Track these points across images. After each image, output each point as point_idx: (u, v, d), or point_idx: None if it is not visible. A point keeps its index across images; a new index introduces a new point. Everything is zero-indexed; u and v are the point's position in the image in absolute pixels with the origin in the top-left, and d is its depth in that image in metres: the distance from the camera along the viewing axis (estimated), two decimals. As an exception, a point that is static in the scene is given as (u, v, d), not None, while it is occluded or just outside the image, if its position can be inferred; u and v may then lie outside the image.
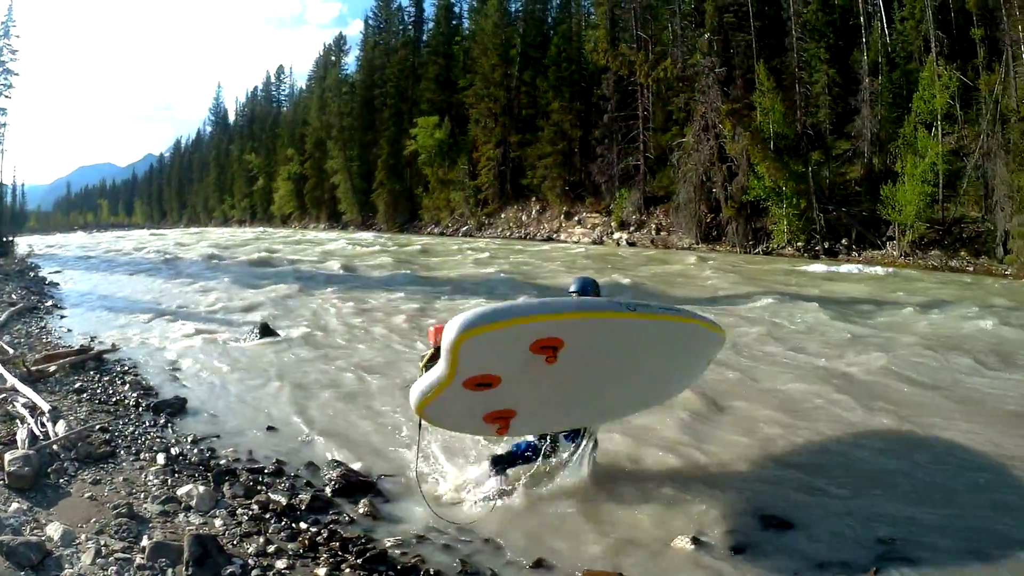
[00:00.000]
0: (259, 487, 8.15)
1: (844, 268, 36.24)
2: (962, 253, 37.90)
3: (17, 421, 9.89)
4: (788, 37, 52.29)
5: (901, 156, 40.32)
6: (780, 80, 50.18)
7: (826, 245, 43.42)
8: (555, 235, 63.29)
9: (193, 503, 7.46)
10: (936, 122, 41.00)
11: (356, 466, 8.90)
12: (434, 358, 6.93)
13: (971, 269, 36.08)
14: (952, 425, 10.61)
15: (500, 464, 8.44)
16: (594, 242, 57.84)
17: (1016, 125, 35.73)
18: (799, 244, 44.47)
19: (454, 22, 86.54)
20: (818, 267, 36.46)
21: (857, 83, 48.15)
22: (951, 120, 42.88)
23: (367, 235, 73.02)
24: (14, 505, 7.14)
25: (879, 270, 35.15)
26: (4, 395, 11.31)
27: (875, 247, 41.83)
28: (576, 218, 63.13)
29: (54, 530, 6.50)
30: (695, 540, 7.17)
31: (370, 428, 10.53)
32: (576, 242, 58.92)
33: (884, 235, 41.83)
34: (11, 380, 12.03)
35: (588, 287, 8.61)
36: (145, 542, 6.44)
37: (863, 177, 45.97)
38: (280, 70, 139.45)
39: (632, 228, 56.82)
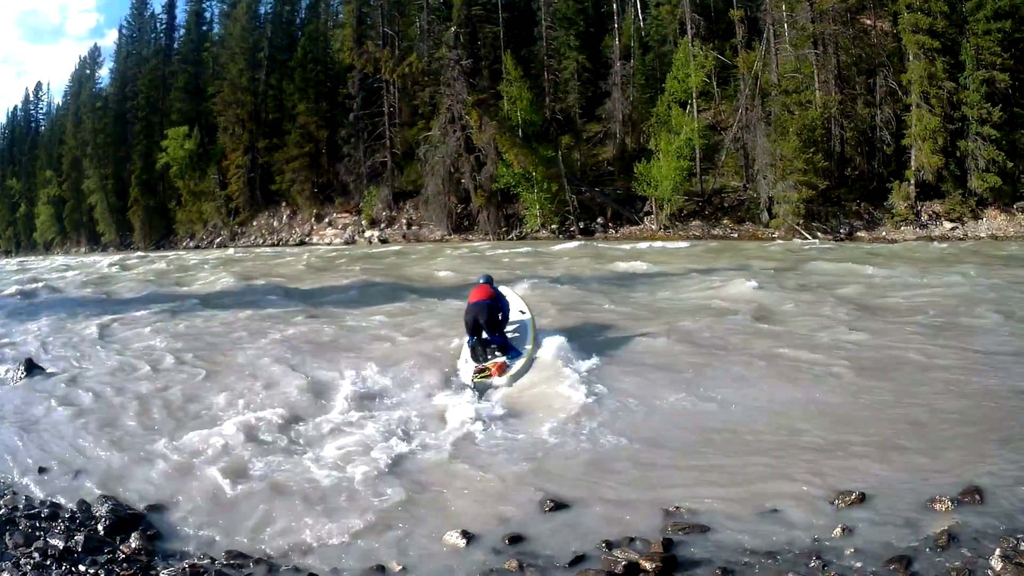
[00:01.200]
0: (37, 532, 7.08)
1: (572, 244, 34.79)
2: (725, 221, 36.19)
3: None
4: (537, 27, 49.45)
5: (655, 135, 38.59)
6: (528, 69, 47.16)
7: (581, 225, 40.09)
8: (307, 238, 56.44)
9: None
10: (692, 100, 38.85)
11: (125, 499, 7.88)
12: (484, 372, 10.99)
13: (736, 236, 34.55)
14: (729, 388, 10.10)
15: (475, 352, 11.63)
16: (346, 242, 52.16)
17: (777, 98, 34.00)
18: (553, 226, 40.98)
19: (204, 28, 76.61)
20: (564, 246, 34.14)
21: (608, 67, 45.47)
22: (707, 97, 41.44)
23: (123, 255, 62.43)
24: None
25: (641, 245, 32.92)
26: None
27: (632, 223, 39.06)
28: (327, 219, 56.55)
29: None
30: (466, 534, 6.49)
31: (135, 459, 9.13)
32: (328, 243, 52.92)
33: (641, 211, 39.07)
34: None
35: (489, 278, 13.12)
36: (-58, 607, 5.66)
37: (616, 157, 43.56)
38: (39, 87, 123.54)
39: (383, 225, 51.27)
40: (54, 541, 6.80)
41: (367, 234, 51.08)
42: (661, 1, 45.62)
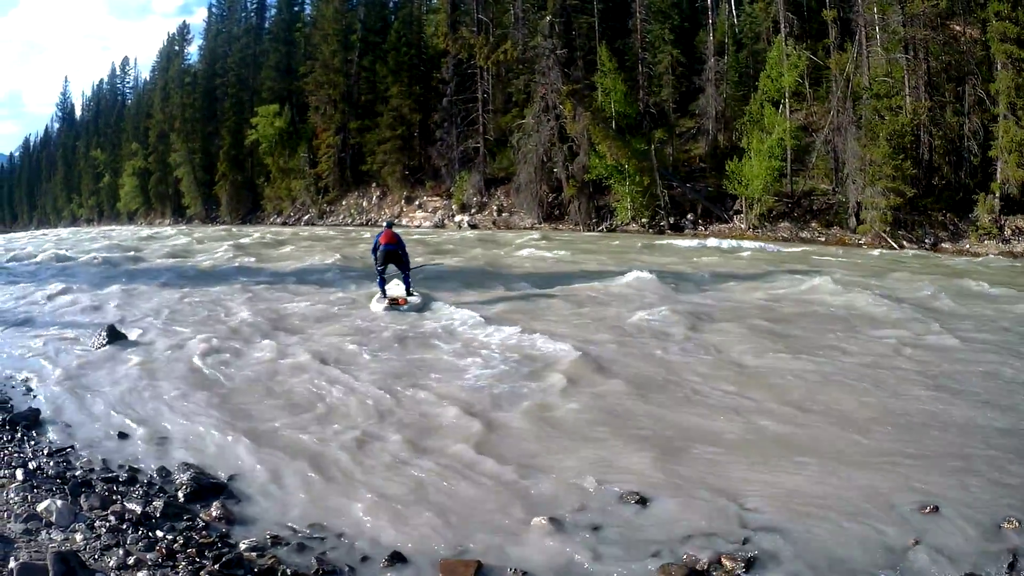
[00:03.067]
0: (114, 496, 7.48)
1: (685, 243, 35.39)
2: (813, 225, 37.07)
3: None
4: (632, 19, 50.25)
5: (747, 133, 39.12)
6: (623, 61, 48.39)
7: (671, 220, 41.60)
8: (396, 220, 58.44)
9: (53, 519, 6.67)
10: (784, 100, 39.59)
11: (206, 467, 8.43)
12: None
13: (823, 240, 35.59)
14: (806, 392, 10.62)
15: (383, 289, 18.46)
16: (435, 226, 54.75)
17: (868, 102, 34.62)
18: (643, 220, 42.49)
19: (296, 8, 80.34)
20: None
21: (702, 63, 46.65)
22: (800, 98, 42.17)
23: (209, 229, 67.05)
24: None
25: (732, 243, 34.44)
26: None
27: (722, 221, 40.35)
28: (417, 202, 59.44)
29: (-75, 561, 5.69)
30: (552, 520, 6.87)
31: (217, 427, 9.82)
32: (418, 227, 55.47)
33: (731, 209, 40.38)
34: None
35: (391, 223, 19.95)
36: (12, 564, 5.66)
37: (708, 153, 44.63)
38: (125, 62, 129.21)
39: (473, 210, 53.68)
40: (131, 506, 7.12)
41: (457, 219, 53.61)
42: (756, -2, 46.38)
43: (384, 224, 20.31)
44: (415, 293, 18.51)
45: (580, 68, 48.79)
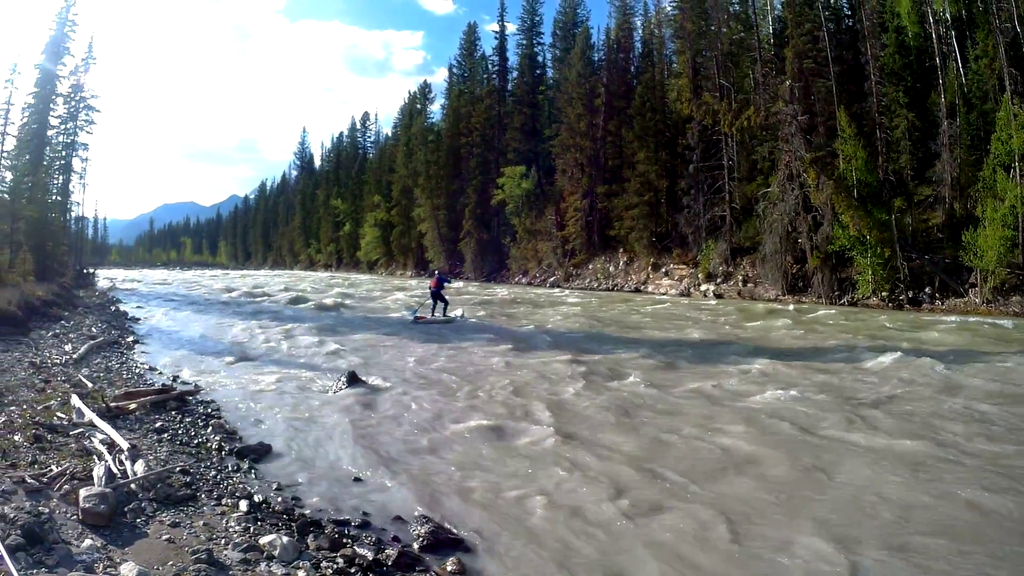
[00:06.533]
0: (345, 540, 8.24)
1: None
2: None
3: (94, 457, 10.04)
4: (867, 82, 53.69)
5: (981, 200, 41.40)
6: (860, 126, 51.15)
7: (910, 294, 43.94)
8: (642, 286, 65.48)
9: (276, 553, 7.52)
10: (1014, 163, 40.91)
11: (442, 520, 9.08)
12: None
13: None
14: None
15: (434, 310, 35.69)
16: (681, 293, 59.86)
17: None
18: (884, 294, 44.99)
19: (537, 71, 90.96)
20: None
21: (936, 126, 48.65)
22: None
23: (456, 284, 73.13)
24: (87, 541, 7.23)
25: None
26: (82, 430, 11.53)
27: (957, 295, 42.30)
28: (663, 269, 65.28)
29: (128, 570, 6.53)
30: None
31: (458, 482, 10.63)
32: (664, 294, 60.73)
33: (966, 282, 42.12)
34: (89, 415, 12.24)
35: (434, 272, 43.51)
36: (225, 590, 6.52)
37: (944, 223, 46.16)
38: (366, 116, 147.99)
39: (719, 279, 58.48)
40: (362, 551, 7.90)
41: (702, 288, 58.69)
42: (979, 55, 48.36)
43: (435, 272, 37.71)
44: (449, 315, 34.69)
45: (821, 134, 53.35)
